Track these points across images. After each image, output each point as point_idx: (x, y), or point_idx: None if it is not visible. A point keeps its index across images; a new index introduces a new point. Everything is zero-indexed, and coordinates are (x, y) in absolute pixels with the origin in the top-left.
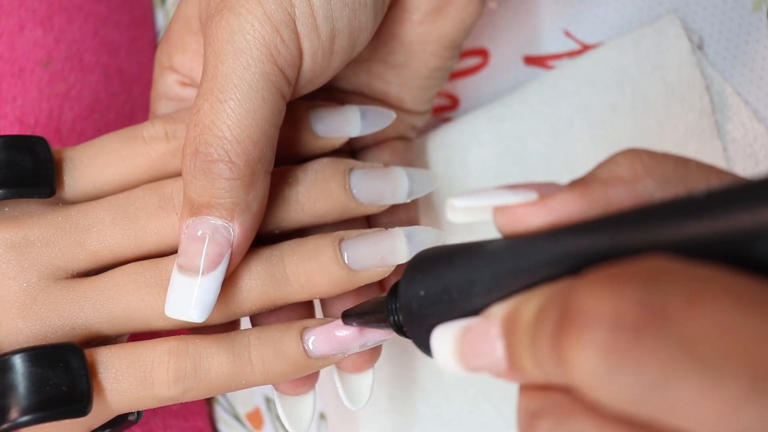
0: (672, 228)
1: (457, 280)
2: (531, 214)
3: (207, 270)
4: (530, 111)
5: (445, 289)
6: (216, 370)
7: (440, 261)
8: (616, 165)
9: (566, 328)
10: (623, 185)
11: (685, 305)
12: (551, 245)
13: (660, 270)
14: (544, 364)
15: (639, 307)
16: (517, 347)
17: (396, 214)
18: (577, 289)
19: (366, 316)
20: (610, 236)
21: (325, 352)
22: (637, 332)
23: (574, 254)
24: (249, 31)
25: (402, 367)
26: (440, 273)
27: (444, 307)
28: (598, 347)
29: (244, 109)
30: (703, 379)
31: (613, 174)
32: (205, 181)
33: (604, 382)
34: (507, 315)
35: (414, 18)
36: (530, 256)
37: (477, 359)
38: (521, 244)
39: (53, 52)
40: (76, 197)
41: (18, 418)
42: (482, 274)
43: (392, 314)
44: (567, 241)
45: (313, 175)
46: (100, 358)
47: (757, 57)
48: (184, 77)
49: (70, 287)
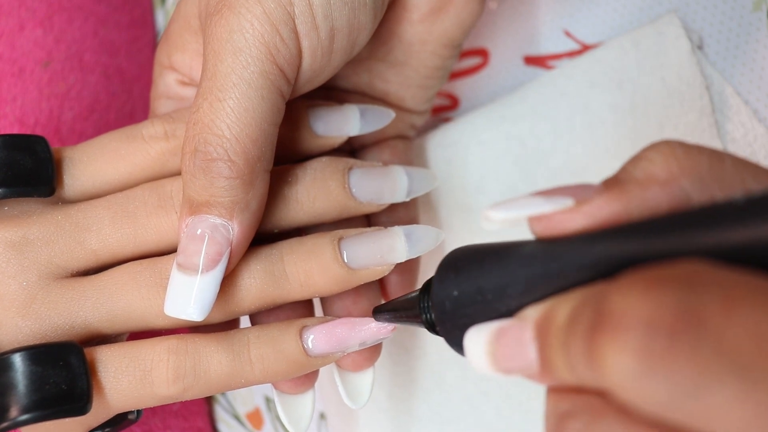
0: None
1: (492, 282)
2: (567, 220)
3: (206, 269)
4: (530, 111)
5: (479, 290)
6: (215, 368)
7: (474, 261)
8: (650, 163)
9: (601, 330)
10: (659, 186)
11: (722, 310)
12: (586, 249)
13: (697, 275)
14: (576, 366)
15: (675, 311)
16: (550, 350)
17: (395, 212)
18: (612, 292)
19: (398, 312)
20: (645, 241)
21: (324, 351)
22: (672, 336)
23: (609, 258)
24: (248, 29)
25: (402, 366)
26: (474, 273)
27: (477, 307)
28: (633, 350)
29: (243, 108)
30: (737, 385)
31: (649, 174)
32: (204, 180)
33: (638, 385)
34: (541, 317)
35: (414, 17)
36: (565, 259)
37: (510, 361)
38: (556, 248)
39: (53, 52)
40: (75, 196)
41: (18, 417)
42: (516, 276)
43: (425, 312)
44: (602, 245)
45: (312, 174)
46: (99, 357)
47: (757, 57)
48: (184, 76)
49: (69, 286)
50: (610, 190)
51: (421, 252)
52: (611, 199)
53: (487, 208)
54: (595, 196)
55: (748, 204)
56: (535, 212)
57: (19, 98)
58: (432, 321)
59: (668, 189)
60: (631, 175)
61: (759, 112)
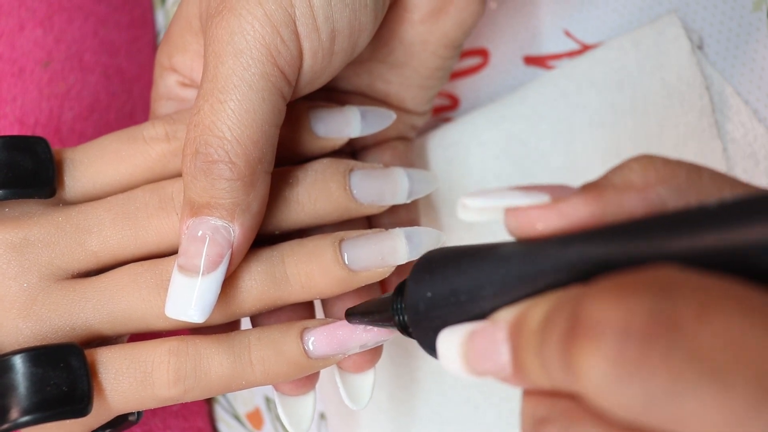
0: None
1: (465, 283)
2: (542, 217)
3: (207, 270)
4: (530, 111)
5: (453, 292)
6: (216, 370)
7: (448, 262)
8: (629, 171)
9: (575, 336)
10: (636, 192)
11: (695, 315)
12: (561, 251)
13: (670, 280)
14: (551, 370)
15: (648, 316)
16: (524, 352)
17: (396, 214)
18: (586, 297)
19: (370, 315)
20: (621, 245)
21: (325, 353)
22: (646, 342)
23: (584, 261)
24: (249, 31)
25: (402, 367)
26: (448, 275)
27: (451, 309)
28: (606, 356)
29: (244, 110)
30: (711, 390)
31: (627, 180)
32: (205, 182)
33: (612, 391)
34: (514, 320)
35: (414, 18)
36: (539, 261)
37: (482, 363)
38: (531, 249)
39: (53, 52)
40: (76, 198)
41: (18, 419)
42: (490, 277)
43: (398, 314)
44: (577, 248)
45: (313, 175)
46: (100, 359)
47: (757, 57)
48: (185, 78)
49: (70, 288)
50: (587, 192)
51: (421, 254)
52: (588, 200)
53: (465, 196)
54: (572, 196)
55: (720, 209)
56: (511, 203)
57: (19, 98)
58: (405, 323)
59: (645, 195)
60: (609, 181)
61: (759, 112)
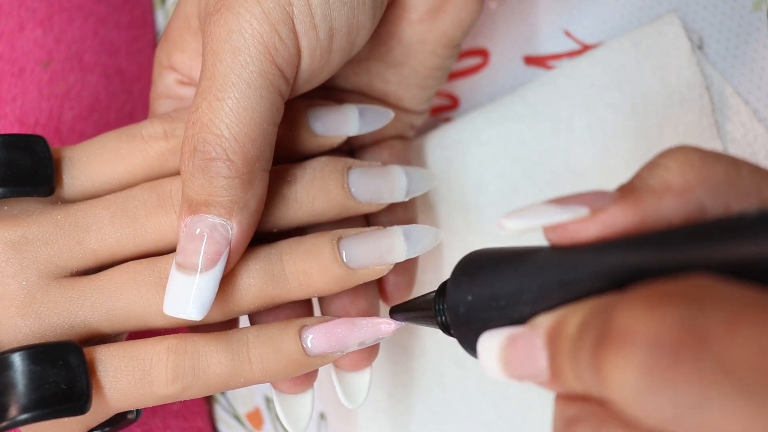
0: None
1: (506, 288)
2: (582, 229)
3: (205, 268)
4: (530, 111)
5: (493, 296)
6: (215, 368)
7: (488, 267)
8: (666, 171)
9: (606, 344)
10: (674, 196)
11: (726, 327)
12: (599, 259)
13: (702, 290)
14: (583, 376)
15: (679, 327)
16: (560, 359)
17: (394, 212)
18: (619, 307)
19: (414, 312)
20: (657, 253)
21: (324, 350)
22: (676, 353)
23: (622, 269)
24: (247, 29)
25: (401, 366)
26: (488, 279)
27: (491, 312)
28: (636, 366)
29: (242, 108)
30: (741, 402)
31: (664, 183)
32: (203, 180)
33: (641, 400)
34: (552, 326)
35: (413, 17)
36: (578, 268)
37: (521, 368)
38: (570, 257)
39: (53, 52)
40: (75, 196)
41: (17, 416)
42: (530, 284)
43: (440, 314)
44: (615, 256)
45: (311, 173)
46: (99, 357)
47: (757, 57)
48: (184, 76)
49: (69, 286)
50: (625, 198)
51: (420, 252)
52: (626, 208)
53: (502, 217)
54: (610, 205)
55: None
56: (551, 222)
57: (19, 98)
58: (447, 323)
59: (683, 199)
60: (646, 183)
61: (759, 112)
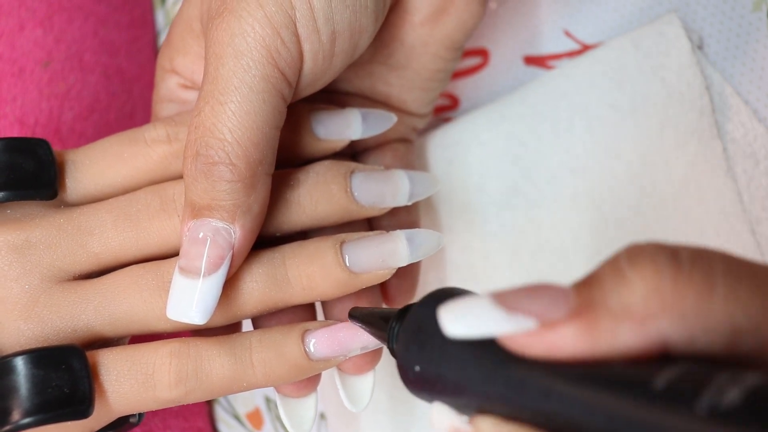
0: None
1: (452, 377)
2: (528, 345)
3: (208, 272)
4: (530, 111)
5: (439, 377)
6: (217, 372)
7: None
8: (630, 293)
9: None
10: (634, 324)
11: None
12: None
13: None
14: None
15: None
16: None
17: (397, 216)
18: None
19: (368, 327)
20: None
21: (326, 355)
22: None
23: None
24: (249, 33)
25: None
26: (435, 359)
27: (438, 386)
28: None
29: (244, 112)
30: None
31: (625, 307)
32: (206, 184)
33: None
34: None
35: (415, 19)
36: (522, 390)
37: None
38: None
39: (53, 52)
40: (78, 199)
41: (20, 420)
42: (474, 385)
43: (391, 341)
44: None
45: (314, 177)
46: (101, 360)
47: (757, 57)
48: (186, 80)
49: (71, 289)
50: (579, 317)
51: (422, 256)
52: (578, 331)
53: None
54: (562, 319)
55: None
56: (494, 333)
57: (19, 98)
58: (394, 351)
59: (644, 329)
60: (604, 302)
61: (759, 112)
